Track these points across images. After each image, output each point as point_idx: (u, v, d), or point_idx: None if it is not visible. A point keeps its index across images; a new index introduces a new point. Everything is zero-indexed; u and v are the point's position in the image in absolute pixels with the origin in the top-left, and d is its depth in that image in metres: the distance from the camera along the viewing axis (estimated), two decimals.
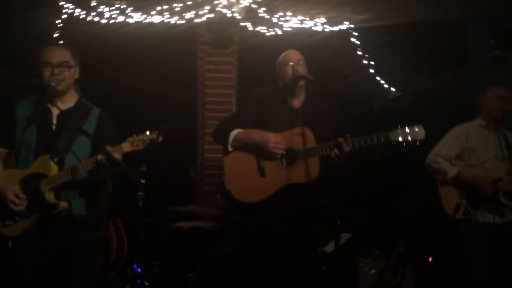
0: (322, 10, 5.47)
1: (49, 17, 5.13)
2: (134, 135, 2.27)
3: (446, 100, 4.75)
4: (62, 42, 5.11)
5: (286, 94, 2.86)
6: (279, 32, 5.03)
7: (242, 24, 4.15)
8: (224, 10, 3.87)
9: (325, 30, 5.48)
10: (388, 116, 5.66)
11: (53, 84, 2.39)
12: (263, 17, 4.14)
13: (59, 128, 2.42)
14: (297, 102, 2.88)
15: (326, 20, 5.57)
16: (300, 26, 5.28)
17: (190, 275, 3.43)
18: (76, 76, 2.58)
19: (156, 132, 2.25)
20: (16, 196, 2.30)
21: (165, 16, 4.26)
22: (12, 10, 4.83)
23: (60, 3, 5.08)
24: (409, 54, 5.45)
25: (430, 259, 3.68)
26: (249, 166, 2.76)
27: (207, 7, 3.85)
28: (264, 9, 4.00)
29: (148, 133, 2.25)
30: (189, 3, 3.82)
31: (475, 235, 3.20)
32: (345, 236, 4.34)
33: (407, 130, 2.59)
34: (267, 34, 4.77)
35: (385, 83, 5.75)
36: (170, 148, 3.81)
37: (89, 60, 5.11)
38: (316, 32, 5.39)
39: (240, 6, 3.81)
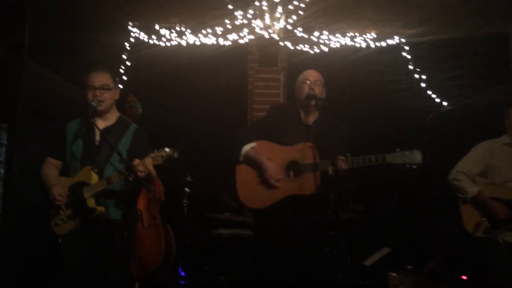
0: (371, 25, 5.61)
1: (119, 41, 5.76)
2: (156, 150, 2.59)
3: (495, 114, 4.65)
4: (129, 63, 5.75)
5: (301, 110, 3.05)
6: (325, 49, 5.22)
7: (281, 43, 4.37)
8: (262, 32, 4.11)
9: (371, 45, 5.58)
10: (441, 130, 5.59)
11: (94, 104, 2.79)
12: (302, 36, 4.32)
13: (101, 142, 2.81)
14: (310, 119, 3.06)
15: (375, 36, 5.68)
16: (348, 42, 5.44)
17: (221, 277, 3.70)
18: (117, 97, 2.97)
19: (172, 149, 2.54)
20: (59, 194, 2.72)
21: (212, 38, 4.59)
22: (88, 34, 5.49)
23: (129, 28, 5.70)
24: (461, 68, 5.38)
25: (464, 277, 3.62)
26: (257, 176, 3.00)
27: (246, 30, 4.14)
28: (301, 29, 4.19)
29: (167, 149, 2.55)
30: (229, 26, 4.12)
31: (497, 255, 3.14)
32: (385, 250, 4.40)
33: (405, 153, 2.68)
34: (311, 52, 4.97)
35: (437, 97, 5.68)
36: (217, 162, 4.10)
37: (152, 79, 5.71)
38: (361, 48, 5.51)
39: (276, 28, 4.05)
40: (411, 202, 4.71)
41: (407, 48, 5.68)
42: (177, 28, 5.50)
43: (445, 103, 5.65)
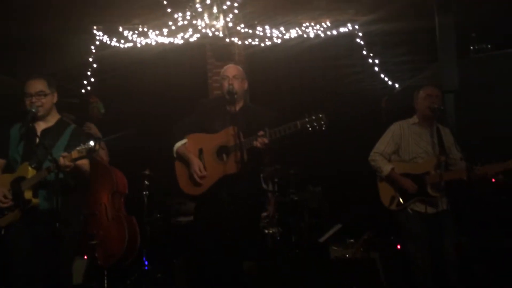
0: (325, 14, 5.83)
1: (84, 43, 6.01)
2: (82, 144, 2.84)
3: None
4: (95, 65, 6.00)
5: (226, 101, 3.31)
6: (277, 41, 5.47)
7: (227, 40, 4.63)
8: (205, 31, 4.37)
9: (327, 33, 5.80)
10: (395, 110, 5.84)
11: (33, 110, 3.06)
12: (247, 31, 4.58)
13: (41, 141, 3.08)
14: (235, 108, 3.31)
15: (329, 24, 5.91)
16: (303, 32, 5.68)
17: (174, 260, 3.99)
18: (54, 101, 3.22)
19: (95, 143, 2.81)
20: (4, 196, 2.99)
21: (167, 37, 4.85)
22: (55, 37, 5.74)
23: (94, 31, 5.95)
24: (411, 53, 5.63)
25: (398, 246, 3.90)
26: (192, 171, 3.24)
27: (190, 29, 4.40)
28: (243, 25, 4.44)
29: (91, 143, 2.82)
30: (173, 27, 4.37)
31: (409, 224, 3.41)
32: (337, 227, 4.70)
33: (313, 117, 2.94)
34: (262, 45, 5.22)
35: (390, 80, 5.92)
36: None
37: (117, 79, 5.95)
38: (317, 36, 5.74)
39: (217, 26, 4.31)
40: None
41: (360, 34, 5.91)
42: (140, 29, 5.74)
43: (397, 85, 5.89)
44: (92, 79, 5.96)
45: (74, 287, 3.81)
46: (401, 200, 3.40)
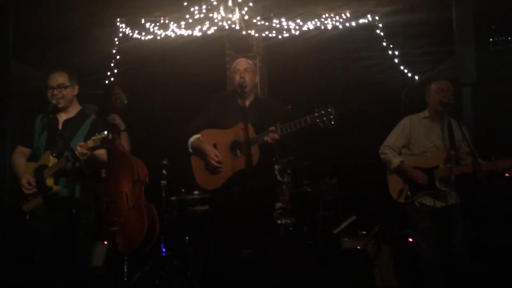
0: (345, 5, 5.82)
1: (108, 35, 6.18)
2: (97, 134, 2.99)
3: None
4: (118, 57, 6.17)
5: (237, 95, 3.38)
6: (296, 33, 5.50)
7: (243, 32, 4.70)
8: (222, 23, 4.44)
9: (346, 25, 5.79)
10: (414, 103, 5.80)
11: (54, 102, 3.23)
12: (263, 24, 4.63)
13: (61, 132, 3.25)
14: (247, 102, 3.39)
15: (349, 15, 5.90)
16: (322, 24, 5.69)
17: (190, 248, 4.13)
18: (75, 93, 3.38)
19: (109, 133, 2.95)
20: (28, 183, 3.18)
21: (186, 29, 4.95)
22: (80, 30, 5.93)
23: (117, 24, 6.11)
24: (432, 44, 5.56)
25: (410, 239, 3.92)
26: (208, 160, 3.34)
27: (207, 22, 4.48)
28: (259, 17, 4.49)
29: (105, 132, 2.96)
30: (190, 20, 4.46)
31: (418, 218, 3.43)
32: (351, 219, 4.74)
33: (322, 112, 2.97)
34: (280, 36, 5.26)
35: (409, 72, 5.87)
36: None
37: (139, 70, 6.11)
38: (336, 27, 5.74)
39: (233, 18, 4.37)
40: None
41: (380, 25, 5.87)
42: (161, 21, 5.86)
43: (416, 77, 5.84)
44: (116, 71, 6.13)
45: (93, 269, 3.98)
46: (409, 193, 3.42)
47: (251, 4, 4.38)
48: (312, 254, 4.01)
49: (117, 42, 6.15)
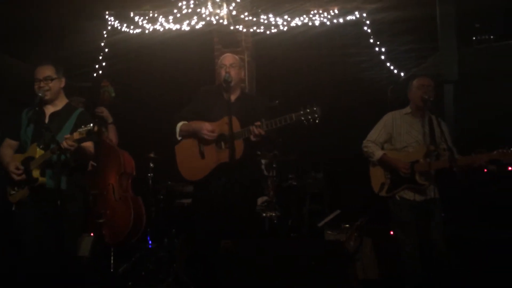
0: (333, 2, 5.87)
1: (97, 28, 6.18)
2: (83, 126, 3.02)
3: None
4: (106, 50, 6.18)
5: (223, 90, 3.43)
6: (284, 29, 5.55)
7: (231, 27, 4.74)
8: (210, 18, 4.48)
9: (334, 21, 5.84)
10: (400, 99, 5.89)
11: (40, 94, 3.25)
12: (251, 19, 4.68)
13: (48, 125, 3.28)
14: (233, 97, 3.44)
15: (337, 12, 5.96)
16: (310, 20, 5.75)
17: (175, 240, 4.19)
18: (62, 85, 3.41)
19: (94, 125, 2.98)
20: (17, 168, 3.20)
21: (174, 24, 4.98)
22: (67, 22, 5.92)
23: (106, 17, 6.11)
24: (417, 41, 5.64)
25: (391, 232, 4.01)
26: (193, 151, 3.40)
27: (195, 16, 4.52)
28: (246, 13, 4.54)
29: (90, 125, 2.99)
30: (178, 15, 4.50)
31: (398, 211, 3.52)
32: (335, 212, 4.82)
33: (307, 110, 3.03)
34: (268, 32, 5.31)
35: (395, 68, 5.95)
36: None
37: (127, 63, 6.12)
38: (324, 24, 5.80)
39: (221, 14, 4.41)
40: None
41: (367, 22, 5.94)
42: (150, 15, 5.88)
43: (402, 74, 5.93)
44: (104, 64, 6.14)
45: (80, 259, 4.02)
46: (391, 187, 3.50)
47: (238, 0, 4.42)
48: (295, 246, 4.08)
49: (105, 35, 6.16)
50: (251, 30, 5.11)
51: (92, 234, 4.34)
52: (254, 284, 2.80)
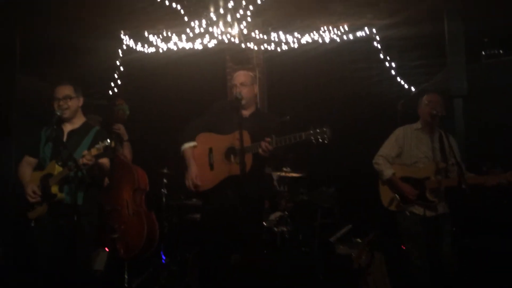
0: (343, 19, 5.96)
1: (112, 48, 6.34)
2: (100, 142, 3.12)
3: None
4: (122, 68, 6.34)
5: (238, 105, 3.48)
6: (294, 46, 5.65)
7: (243, 45, 4.85)
8: (222, 37, 4.60)
9: (344, 37, 5.92)
10: (411, 114, 5.93)
11: (58, 113, 3.38)
12: (262, 37, 4.78)
13: (66, 142, 3.40)
14: (247, 112, 3.52)
15: (347, 29, 6.04)
16: (320, 37, 5.83)
17: (187, 254, 4.24)
18: (80, 104, 3.53)
19: (112, 141, 3.08)
20: (33, 192, 3.32)
21: (187, 42, 5.11)
22: (83, 42, 6.09)
23: (121, 36, 6.28)
24: (427, 57, 5.69)
25: (403, 247, 4.01)
26: (203, 162, 3.48)
27: (207, 35, 4.64)
28: (257, 31, 4.65)
29: (108, 141, 3.10)
30: (191, 34, 4.62)
31: (408, 225, 3.53)
32: (347, 227, 4.85)
33: (317, 130, 3.09)
34: (279, 49, 5.41)
35: (406, 83, 6.00)
36: None
37: (142, 82, 6.26)
38: (334, 40, 5.88)
39: (232, 33, 4.53)
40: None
41: (377, 38, 6.01)
42: (164, 34, 6.03)
43: (413, 89, 5.97)
44: (119, 82, 6.30)
45: (95, 272, 4.10)
46: (400, 204, 3.52)
47: (249, 19, 4.54)
48: (306, 260, 4.11)
49: (121, 54, 6.32)
50: (262, 47, 5.21)
51: (106, 249, 4.42)
52: None
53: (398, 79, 6.00)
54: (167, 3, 4.70)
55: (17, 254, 4.39)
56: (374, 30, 5.98)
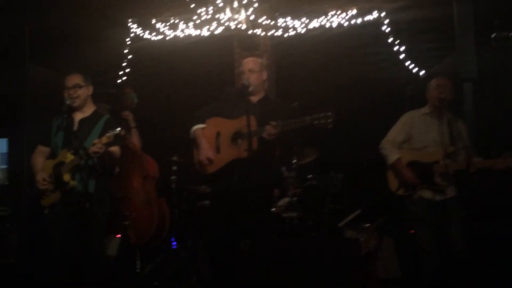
0: (351, 2, 5.90)
1: (120, 36, 6.36)
2: (110, 130, 3.16)
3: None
4: (130, 57, 6.36)
5: (245, 92, 3.50)
6: (302, 31, 5.62)
7: (249, 32, 4.84)
8: (229, 23, 4.59)
9: (352, 22, 5.87)
10: (420, 97, 5.89)
11: (68, 102, 3.41)
12: (269, 23, 4.76)
13: (77, 131, 3.44)
14: (254, 98, 3.54)
15: (356, 12, 5.98)
16: (327, 21, 5.79)
17: (198, 241, 4.29)
18: (90, 93, 3.57)
19: (121, 130, 3.12)
20: (43, 179, 3.38)
21: (194, 29, 5.11)
22: (91, 30, 6.12)
23: (129, 24, 6.29)
24: (437, 40, 5.63)
25: (412, 231, 4.02)
26: (210, 145, 3.53)
27: (215, 22, 4.63)
28: (264, 17, 4.62)
29: (118, 129, 3.13)
30: (197, 21, 4.62)
31: (416, 210, 3.53)
32: (356, 212, 4.86)
33: (321, 115, 3.13)
34: (286, 35, 5.38)
35: (415, 66, 5.94)
36: None
37: (150, 69, 6.28)
38: (341, 25, 5.84)
39: (239, 19, 4.51)
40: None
41: (386, 22, 5.95)
42: (171, 21, 6.03)
43: (422, 73, 5.91)
44: (128, 70, 6.32)
45: (108, 258, 4.17)
46: (408, 187, 3.52)
47: (256, 5, 4.52)
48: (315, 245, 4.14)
49: (128, 42, 6.34)
50: (270, 33, 5.20)
51: (118, 236, 4.49)
52: (273, 284, 2.87)
53: (407, 63, 5.94)
54: None
55: (32, 241, 4.48)
56: (382, 14, 5.92)
